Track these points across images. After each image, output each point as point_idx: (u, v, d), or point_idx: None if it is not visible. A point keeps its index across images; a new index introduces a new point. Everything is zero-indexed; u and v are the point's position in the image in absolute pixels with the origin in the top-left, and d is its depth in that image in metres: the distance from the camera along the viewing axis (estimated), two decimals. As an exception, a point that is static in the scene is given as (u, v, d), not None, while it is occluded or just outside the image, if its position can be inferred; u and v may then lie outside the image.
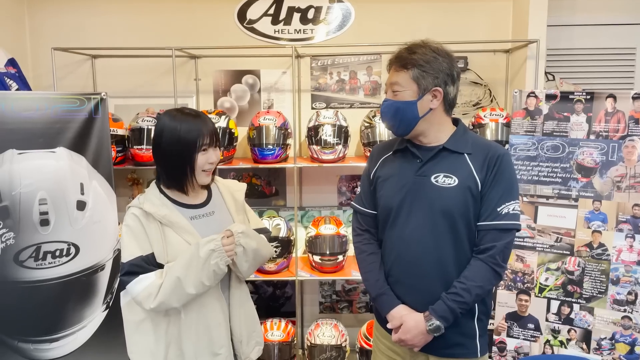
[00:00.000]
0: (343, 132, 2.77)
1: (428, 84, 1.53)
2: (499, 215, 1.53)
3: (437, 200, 1.55)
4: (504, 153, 1.58)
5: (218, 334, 1.65)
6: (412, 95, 1.54)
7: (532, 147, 2.46)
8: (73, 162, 2.31)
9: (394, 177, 1.65)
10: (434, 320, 1.52)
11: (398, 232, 1.62)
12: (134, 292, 1.54)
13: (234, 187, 1.81)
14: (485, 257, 1.53)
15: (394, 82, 1.57)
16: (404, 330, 1.57)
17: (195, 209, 1.67)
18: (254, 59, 3.05)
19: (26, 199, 2.22)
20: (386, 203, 1.65)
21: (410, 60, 1.53)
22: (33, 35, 3.06)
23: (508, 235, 1.54)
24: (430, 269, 1.57)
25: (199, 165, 1.60)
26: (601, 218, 2.37)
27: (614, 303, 2.35)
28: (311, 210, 3.20)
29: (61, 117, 2.29)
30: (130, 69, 3.05)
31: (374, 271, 1.69)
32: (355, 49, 3.01)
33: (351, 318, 3.30)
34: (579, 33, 3.08)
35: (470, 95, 3.07)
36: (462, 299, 1.52)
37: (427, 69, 1.52)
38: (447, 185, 1.55)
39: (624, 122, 2.33)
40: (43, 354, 2.30)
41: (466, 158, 1.57)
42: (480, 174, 1.55)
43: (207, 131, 1.59)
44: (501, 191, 1.54)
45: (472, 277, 1.53)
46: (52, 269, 2.28)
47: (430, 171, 1.58)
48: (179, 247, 1.57)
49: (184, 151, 1.57)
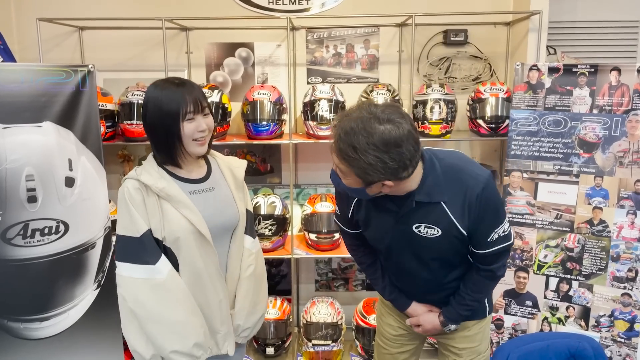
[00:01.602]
0: (340, 107, 2.70)
1: (374, 178, 1.30)
2: (490, 243, 1.51)
3: (424, 249, 1.54)
4: (482, 189, 1.41)
5: (218, 312, 1.60)
6: (358, 183, 1.35)
7: (534, 122, 2.40)
8: (60, 137, 2.23)
9: (374, 223, 1.57)
10: (450, 325, 1.66)
11: (393, 263, 1.67)
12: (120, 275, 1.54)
13: (234, 164, 1.73)
14: (487, 274, 1.58)
15: (337, 164, 1.35)
16: (424, 330, 1.71)
17: (195, 184, 1.59)
18: (248, 31, 2.96)
19: (12, 175, 2.14)
20: (374, 244, 1.67)
21: (348, 159, 1.27)
22: (18, 5, 2.95)
23: (503, 255, 1.58)
24: (432, 291, 1.67)
25: (187, 134, 1.50)
26: (602, 194, 2.33)
27: (613, 280, 2.33)
28: (307, 187, 3.14)
29: (47, 90, 2.20)
30: (119, 41, 2.95)
31: (379, 279, 1.76)
32: (352, 20, 2.92)
33: (347, 296, 3.28)
34: (582, 5, 3.00)
35: (470, 69, 3.00)
36: (473, 307, 1.64)
37: (370, 171, 1.27)
38: (431, 235, 1.48)
39: (628, 95, 2.27)
40: (33, 333, 2.26)
41: (443, 207, 1.44)
42: (462, 222, 1.45)
43: (191, 99, 1.49)
44: (488, 224, 1.48)
45: (477, 290, 1.61)
46: (41, 247, 2.21)
47: (409, 221, 1.49)
48: (177, 222, 1.51)
49: (167, 121, 1.49)
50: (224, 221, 1.61)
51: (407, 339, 1.83)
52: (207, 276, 1.57)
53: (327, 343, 2.81)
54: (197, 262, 1.54)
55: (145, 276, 1.49)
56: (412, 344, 1.84)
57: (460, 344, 1.73)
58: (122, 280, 1.53)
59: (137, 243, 1.49)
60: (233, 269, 1.66)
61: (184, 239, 1.52)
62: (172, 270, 1.52)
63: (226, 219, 1.62)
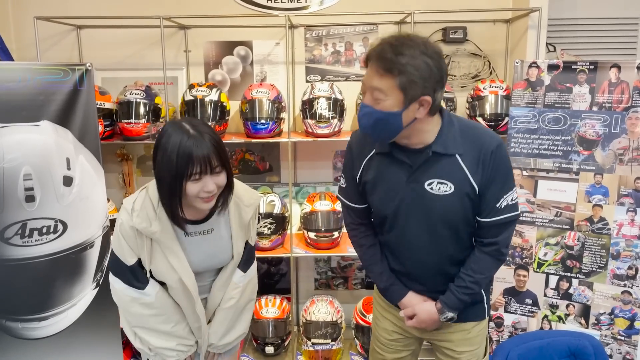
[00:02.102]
0: (339, 105, 2.69)
1: (416, 93, 1.31)
2: (499, 210, 1.48)
3: (434, 210, 1.48)
4: (497, 146, 1.44)
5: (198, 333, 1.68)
6: (396, 104, 1.32)
7: (533, 119, 2.39)
8: (58, 136, 2.22)
9: (384, 183, 1.52)
10: (447, 312, 1.56)
11: (396, 237, 1.58)
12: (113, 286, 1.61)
13: (245, 201, 1.59)
14: (491, 250, 1.53)
15: (375, 88, 1.33)
16: (419, 321, 1.60)
17: (193, 225, 1.53)
18: (246, 29, 2.95)
19: (10, 174, 2.14)
20: (379, 210, 1.57)
21: (396, 65, 1.28)
22: (15, 4, 2.94)
23: (510, 226, 1.53)
24: (433, 265, 1.58)
25: (191, 194, 1.39)
26: (602, 192, 2.33)
27: (613, 278, 2.32)
28: (306, 186, 3.13)
29: (45, 88, 2.19)
30: (117, 40, 2.93)
31: (376, 264, 1.66)
32: (351, 18, 2.91)
33: (347, 294, 3.27)
34: (582, 2, 2.99)
35: (469, 67, 2.99)
36: (472, 291, 1.54)
37: (416, 77, 1.29)
38: (443, 192, 1.45)
39: (628, 92, 2.26)
40: (32, 333, 2.26)
41: (458, 160, 1.44)
42: (476, 176, 1.44)
43: (200, 158, 1.34)
44: (498, 186, 1.47)
45: (479, 269, 1.54)
46: (39, 247, 2.21)
47: (422, 177, 1.46)
48: (162, 266, 1.52)
49: (170, 179, 1.37)
50: (214, 264, 1.62)
51: (403, 345, 1.75)
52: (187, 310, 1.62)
53: (326, 342, 2.81)
54: (179, 299, 1.60)
55: (135, 296, 1.56)
56: (407, 350, 1.77)
57: (459, 347, 1.66)
58: (114, 291, 1.60)
59: (127, 269, 1.53)
60: (215, 297, 1.67)
61: (168, 280, 1.56)
62: (160, 291, 1.58)
63: (217, 262, 1.62)
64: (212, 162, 1.37)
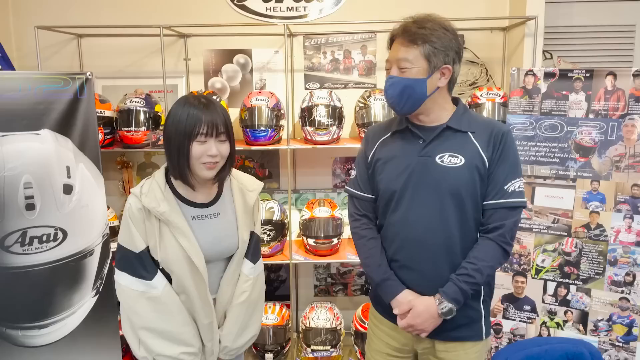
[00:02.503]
0: (337, 112, 2.71)
1: (439, 61, 1.46)
2: (506, 193, 1.50)
3: (443, 181, 1.50)
4: (507, 130, 1.54)
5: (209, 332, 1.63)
6: (421, 72, 1.47)
7: (530, 126, 2.41)
8: (58, 145, 2.23)
9: (396, 159, 1.58)
10: (446, 302, 1.48)
11: (402, 215, 1.56)
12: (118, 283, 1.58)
13: (249, 187, 1.68)
14: (495, 236, 1.50)
15: (402, 58, 1.47)
16: (414, 315, 1.51)
17: (200, 208, 1.57)
18: (246, 37, 2.97)
19: (10, 183, 2.15)
20: (388, 186, 1.58)
21: (420, 36, 1.44)
22: (16, 13, 2.96)
23: (516, 213, 1.52)
24: (438, 251, 1.53)
25: (195, 155, 1.47)
26: (599, 198, 2.34)
27: (611, 284, 2.34)
28: (305, 192, 3.15)
29: (45, 97, 2.20)
30: (117, 49, 2.96)
31: (375, 256, 1.62)
32: (349, 27, 2.93)
33: (346, 301, 3.28)
34: (578, 10, 3.02)
35: (467, 74, 3.01)
36: (474, 280, 1.48)
37: (438, 46, 1.45)
38: (453, 165, 1.50)
39: (624, 100, 2.28)
40: (32, 341, 2.26)
41: (470, 137, 1.52)
42: (487, 152, 1.51)
43: (208, 120, 1.45)
44: (507, 169, 1.51)
45: (482, 257, 1.50)
46: (39, 255, 2.21)
47: (434, 151, 1.52)
48: (171, 249, 1.52)
49: (179, 138, 1.46)
50: (222, 249, 1.62)
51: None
52: (197, 300, 1.59)
53: (326, 348, 2.81)
54: (189, 287, 1.57)
55: (142, 289, 1.54)
56: None
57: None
58: (119, 288, 1.57)
59: (135, 258, 1.53)
60: (224, 293, 1.66)
61: (177, 265, 1.54)
62: (167, 286, 1.56)
63: (224, 248, 1.62)
64: (219, 128, 1.48)
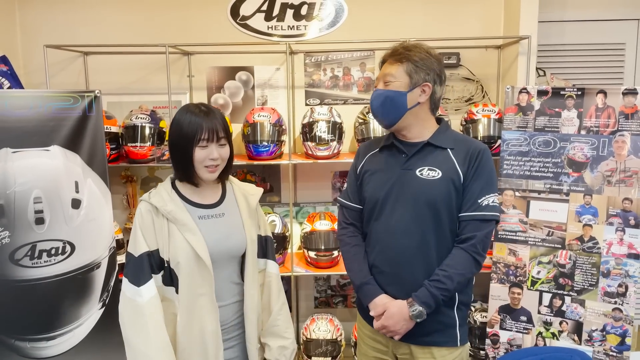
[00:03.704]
0: (337, 128, 2.79)
1: (419, 78, 1.62)
2: (479, 206, 1.61)
3: (421, 192, 1.63)
4: (484, 148, 1.67)
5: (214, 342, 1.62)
6: (403, 86, 1.63)
7: (524, 142, 2.49)
8: (67, 160, 2.30)
9: (381, 171, 1.74)
10: (417, 305, 1.59)
11: (383, 223, 1.70)
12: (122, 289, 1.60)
13: (250, 191, 1.81)
14: (467, 246, 1.61)
15: (387, 74, 1.65)
16: (387, 316, 1.63)
17: (205, 209, 1.66)
18: (248, 55, 3.05)
19: (21, 198, 2.22)
20: (372, 195, 1.73)
21: (405, 55, 1.63)
22: (24, 32, 3.04)
23: (488, 225, 1.63)
24: (414, 257, 1.65)
25: (198, 159, 1.58)
26: (592, 212, 2.41)
27: (604, 295, 2.40)
28: (306, 206, 3.22)
29: (55, 115, 2.28)
30: (122, 65, 3.04)
31: (358, 261, 1.75)
32: (348, 45, 3.02)
33: (346, 312, 3.33)
34: (570, 29, 3.11)
35: (463, 91, 3.10)
36: (444, 286, 1.59)
37: (419, 65, 1.62)
38: (431, 177, 1.63)
39: (614, 117, 2.37)
40: (40, 352, 2.31)
41: (449, 153, 1.66)
42: (463, 167, 1.63)
43: (208, 127, 1.57)
44: (482, 184, 1.62)
45: (453, 265, 1.61)
46: (47, 268, 2.28)
47: (415, 165, 1.67)
48: (180, 245, 1.57)
49: (183, 143, 1.58)
50: (229, 247, 1.66)
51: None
52: (205, 301, 1.60)
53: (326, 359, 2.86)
54: (196, 287, 1.59)
55: (130, 296, 1.55)
56: None
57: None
58: (121, 294, 1.60)
59: (134, 262, 1.57)
60: (250, 296, 1.69)
61: (185, 262, 1.57)
62: (154, 298, 1.56)
63: (231, 245, 1.66)
64: (219, 133, 1.60)
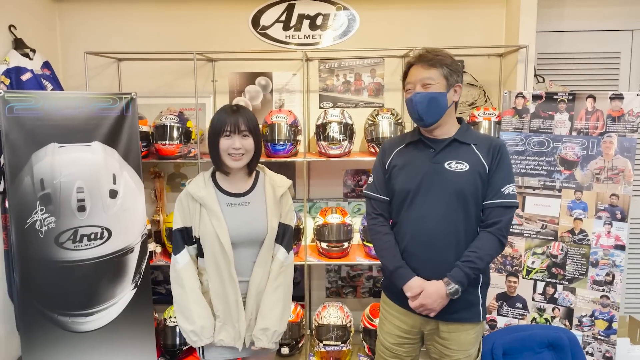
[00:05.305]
0: (349, 129, 2.99)
1: (453, 80, 1.81)
2: (502, 195, 1.80)
3: (451, 183, 1.80)
4: (503, 144, 1.86)
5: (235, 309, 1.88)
6: (442, 87, 1.79)
7: (520, 142, 2.70)
8: (106, 155, 2.56)
9: (410, 165, 1.88)
10: (453, 284, 1.74)
11: (415, 211, 1.84)
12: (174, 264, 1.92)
13: (278, 182, 1.97)
14: (494, 229, 1.79)
15: (425, 77, 1.79)
16: (425, 295, 1.77)
17: (234, 197, 1.89)
18: (267, 62, 3.30)
19: (65, 188, 2.48)
20: (403, 187, 1.86)
21: (438, 60, 1.79)
22: (63, 39, 3.32)
23: (510, 211, 1.82)
24: (444, 241, 1.80)
25: (222, 148, 1.82)
26: (582, 207, 2.61)
27: (593, 284, 2.59)
28: (319, 201, 3.43)
29: (97, 114, 2.54)
30: (152, 71, 3.29)
31: (390, 248, 1.88)
32: (359, 52, 3.25)
33: (355, 302, 3.52)
34: (568, 38, 3.30)
35: (466, 95, 3.30)
36: (476, 265, 1.75)
37: (452, 68, 1.80)
38: (459, 170, 1.80)
39: (602, 120, 2.57)
40: (80, 327, 2.56)
41: (473, 148, 1.83)
42: (487, 160, 1.81)
43: (232, 121, 1.81)
44: (503, 175, 1.82)
45: (482, 246, 1.78)
46: (87, 251, 2.53)
47: (443, 159, 1.82)
48: (206, 227, 1.84)
49: (212, 135, 1.84)
50: (250, 232, 1.88)
51: (405, 351, 1.96)
52: (226, 274, 1.86)
53: (336, 344, 3.04)
54: (219, 262, 1.86)
55: (172, 262, 1.91)
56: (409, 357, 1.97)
57: (453, 345, 1.85)
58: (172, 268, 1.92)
59: (173, 235, 1.91)
60: (256, 274, 1.89)
61: (209, 242, 1.85)
62: (188, 264, 1.90)
63: (252, 230, 1.88)
64: (240, 126, 1.82)
